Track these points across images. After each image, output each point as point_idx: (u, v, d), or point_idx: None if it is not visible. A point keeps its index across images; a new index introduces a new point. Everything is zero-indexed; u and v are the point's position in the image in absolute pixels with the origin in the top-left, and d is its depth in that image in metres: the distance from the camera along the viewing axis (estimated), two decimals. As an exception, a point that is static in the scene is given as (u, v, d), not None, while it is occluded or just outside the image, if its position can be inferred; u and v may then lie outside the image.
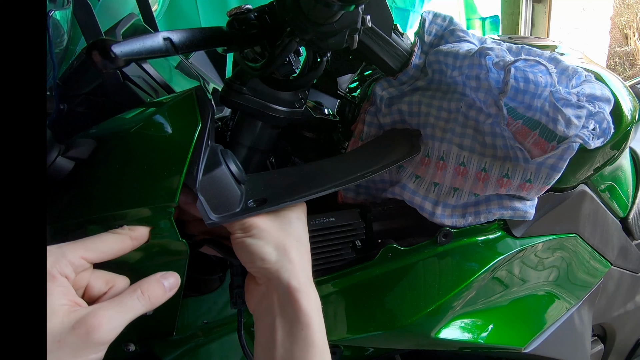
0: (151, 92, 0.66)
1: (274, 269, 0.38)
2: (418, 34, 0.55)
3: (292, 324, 0.37)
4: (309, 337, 0.36)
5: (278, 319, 0.37)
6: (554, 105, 0.44)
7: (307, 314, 0.37)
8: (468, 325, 0.54)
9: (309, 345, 0.36)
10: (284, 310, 0.37)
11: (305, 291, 0.38)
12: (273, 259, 0.38)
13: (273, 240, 0.39)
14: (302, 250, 0.41)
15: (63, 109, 0.61)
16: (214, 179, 0.39)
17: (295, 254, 0.39)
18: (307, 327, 0.37)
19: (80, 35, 0.66)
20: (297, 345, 0.36)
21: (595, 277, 0.71)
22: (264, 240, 0.38)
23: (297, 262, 0.39)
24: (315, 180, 0.44)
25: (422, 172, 0.52)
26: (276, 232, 0.40)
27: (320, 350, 0.37)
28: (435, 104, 0.51)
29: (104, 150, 0.42)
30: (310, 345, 0.36)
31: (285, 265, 0.38)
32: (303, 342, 0.36)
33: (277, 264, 0.38)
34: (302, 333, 0.36)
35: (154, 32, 0.42)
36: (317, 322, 0.38)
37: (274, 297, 0.38)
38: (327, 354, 0.37)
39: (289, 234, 0.40)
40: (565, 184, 0.59)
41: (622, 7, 6.18)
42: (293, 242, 0.40)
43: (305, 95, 0.53)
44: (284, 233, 0.40)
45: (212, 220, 0.37)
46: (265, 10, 0.45)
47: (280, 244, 0.39)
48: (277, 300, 0.38)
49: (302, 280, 0.38)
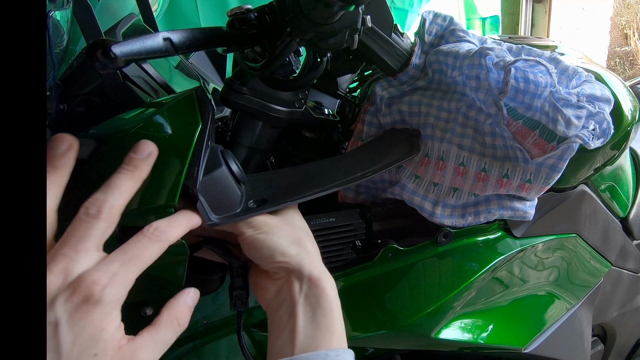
0: (151, 92, 0.66)
1: (295, 261, 0.38)
2: (418, 33, 0.55)
3: (315, 310, 0.37)
4: (330, 322, 0.37)
5: (299, 307, 0.37)
6: (553, 105, 0.44)
7: (329, 299, 0.38)
8: (468, 326, 0.54)
9: (331, 331, 0.37)
10: (307, 298, 0.38)
11: (326, 278, 0.39)
12: (294, 252, 0.38)
13: (288, 234, 0.39)
14: (313, 242, 0.42)
15: (63, 109, 0.61)
16: (214, 180, 0.39)
17: (310, 244, 0.40)
18: (330, 313, 0.37)
19: (80, 35, 0.66)
20: (319, 331, 0.37)
21: (595, 277, 0.71)
22: (277, 235, 0.39)
23: (313, 253, 0.40)
24: (315, 180, 0.44)
25: (421, 172, 0.52)
26: (286, 226, 0.40)
27: (339, 337, 0.37)
28: (435, 104, 0.51)
29: (104, 150, 0.42)
30: (331, 331, 0.37)
31: (305, 257, 0.39)
32: (325, 328, 0.37)
33: (297, 256, 0.38)
34: (324, 320, 0.37)
35: (154, 32, 0.42)
36: (337, 310, 0.38)
37: (294, 288, 0.38)
38: (344, 341, 0.38)
39: (297, 228, 0.41)
40: (566, 184, 0.59)
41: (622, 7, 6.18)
42: (304, 234, 0.41)
43: (305, 95, 0.53)
44: (293, 227, 0.41)
45: (212, 221, 0.37)
46: (265, 10, 0.45)
47: (296, 236, 0.40)
48: (298, 289, 0.38)
49: (322, 270, 0.39)
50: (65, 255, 0.28)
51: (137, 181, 0.34)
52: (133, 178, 0.33)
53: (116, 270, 0.29)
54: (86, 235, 0.29)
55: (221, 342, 0.51)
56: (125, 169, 0.33)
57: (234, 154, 0.43)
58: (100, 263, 0.29)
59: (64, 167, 0.32)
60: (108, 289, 0.28)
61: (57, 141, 0.32)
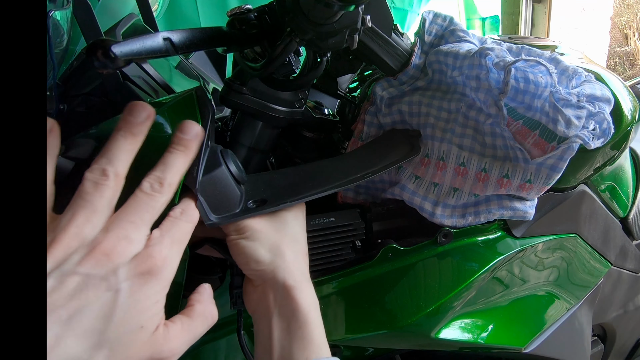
0: (151, 92, 0.66)
1: (269, 269, 0.38)
2: (418, 33, 0.55)
3: (290, 321, 0.37)
4: (306, 334, 0.36)
5: (275, 318, 0.37)
6: (554, 105, 0.44)
7: (304, 311, 0.37)
8: (468, 326, 0.54)
9: (307, 342, 0.36)
10: (281, 309, 0.37)
11: (301, 288, 0.38)
12: (267, 260, 0.38)
13: (267, 242, 0.39)
14: (298, 250, 0.41)
15: (63, 109, 0.61)
16: (213, 180, 0.39)
17: (290, 253, 0.39)
18: (305, 324, 0.36)
19: (80, 35, 0.66)
20: (295, 343, 0.36)
21: (595, 277, 0.71)
22: (257, 242, 0.38)
23: (292, 261, 0.39)
24: (315, 180, 0.44)
25: (421, 172, 0.52)
26: (271, 232, 0.39)
27: (318, 347, 0.37)
28: (435, 104, 0.51)
29: (104, 150, 0.42)
30: (308, 342, 0.36)
31: (280, 265, 0.38)
32: (301, 339, 0.36)
33: (271, 265, 0.38)
34: (299, 331, 0.36)
35: (154, 32, 0.42)
36: (314, 319, 0.37)
37: (270, 298, 0.38)
38: (325, 350, 0.37)
39: (284, 234, 0.40)
40: (565, 184, 0.59)
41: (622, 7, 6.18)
42: (288, 242, 0.40)
43: (305, 95, 0.53)
44: (278, 233, 0.40)
45: (212, 221, 0.37)
46: (265, 10, 0.45)
47: (275, 244, 0.39)
48: (273, 300, 0.38)
49: (298, 279, 0.38)
50: (131, 222, 0.29)
51: (189, 160, 0.34)
52: (185, 157, 0.34)
53: (170, 247, 0.30)
54: (149, 207, 0.30)
55: (221, 342, 0.51)
56: (176, 148, 0.33)
57: (234, 153, 0.43)
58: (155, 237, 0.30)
59: (139, 135, 0.32)
60: (167, 263, 0.29)
61: (137, 109, 0.32)
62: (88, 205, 0.28)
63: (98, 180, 0.28)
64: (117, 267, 0.27)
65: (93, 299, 0.26)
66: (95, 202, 0.28)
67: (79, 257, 0.26)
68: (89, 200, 0.28)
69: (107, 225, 0.28)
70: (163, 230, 0.31)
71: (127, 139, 0.31)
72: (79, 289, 0.26)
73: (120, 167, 0.30)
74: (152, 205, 0.30)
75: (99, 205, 0.28)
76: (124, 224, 0.28)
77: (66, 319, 0.25)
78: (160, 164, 0.33)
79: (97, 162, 0.29)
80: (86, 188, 0.28)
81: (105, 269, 0.27)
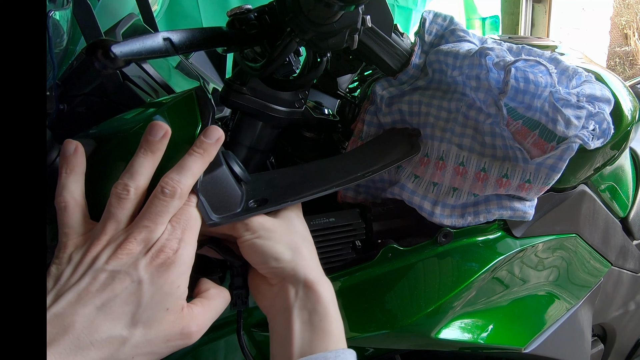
0: (151, 92, 0.66)
1: (290, 267, 0.38)
2: (418, 33, 0.55)
3: (311, 315, 0.38)
4: (326, 326, 0.37)
5: (295, 312, 0.38)
6: (553, 105, 0.44)
7: (325, 304, 0.38)
8: (468, 326, 0.54)
9: (327, 334, 0.37)
10: (303, 303, 0.38)
11: (322, 283, 0.39)
12: (288, 258, 0.38)
13: (283, 240, 0.39)
14: (310, 247, 0.42)
15: (63, 109, 0.61)
16: (214, 180, 0.39)
17: (306, 250, 0.40)
18: (325, 317, 0.38)
19: (80, 35, 0.66)
20: (315, 335, 0.37)
21: (595, 277, 0.71)
22: (273, 240, 0.39)
23: (310, 258, 0.40)
24: (315, 180, 0.44)
25: (420, 172, 0.52)
26: (284, 231, 0.40)
27: (337, 339, 0.38)
28: (435, 104, 0.51)
29: (104, 150, 0.42)
30: (328, 335, 0.37)
31: (300, 262, 0.39)
32: (321, 331, 0.37)
33: (292, 262, 0.38)
34: (320, 324, 0.37)
35: (154, 32, 0.42)
36: (334, 312, 0.38)
37: (290, 294, 0.38)
38: (343, 343, 0.38)
39: (295, 232, 0.41)
40: (565, 184, 0.59)
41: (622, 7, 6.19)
42: (300, 239, 0.41)
43: (305, 95, 0.53)
44: (290, 231, 0.41)
45: (213, 221, 0.37)
46: (265, 10, 0.45)
47: (292, 241, 0.40)
48: (294, 295, 0.38)
49: (318, 274, 0.39)
50: (146, 227, 0.33)
51: (206, 164, 0.37)
52: (203, 160, 0.37)
53: (181, 236, 0.34)
54: (163, 211, 0.34)
55: (221, 342, 0.51)
56: (196, 151, 0.37)
57: (234, 154, 0.43)
58: (167, 232, 0.34)
59: (157, 151, 0.36)
60: (180, 251, 0.34)
61: (155, 128, 0.36)
62: (112, 217, 0.34)
63: (120, 194, 0.34)
64: (137, 262, 0.32)
65: (120, 289, 0.31)
66: (119, 214, 0.34)
67: (106, 257, 0.32)
68: (114, 213, 0.34)
69: (128, 229, 0.34)
70: (174, 222, 0.35)
71: (147, 156, 0.36)
72: (108, 282, 0.31)
73: (140, 181, 0.35)
74: (166, 210, 0.34)
75: (122, 217, 0.34)
76: (141, 229, 0.33)
77: (100, 306, 0.31)
78: (178, 167, 0.36)
79: (122, 177, 0.35)
80: (112, 201, 0.34)
81: (127, 266, 0.32)
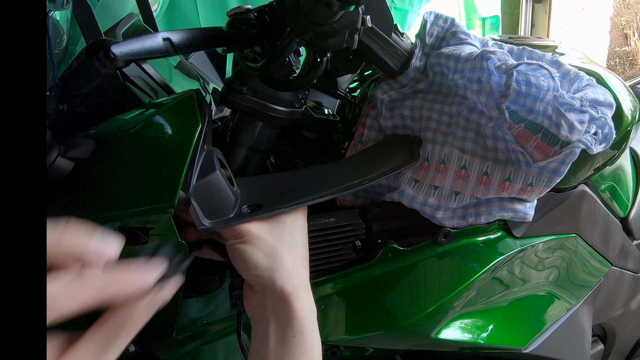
0: (151, 93, 0.66)
1: (267, 275, 0.37)
2: (419, 35, 0.55)
3: (285, 329, 0.36)
4: (300, 344, 0.36)
5: (271, 326, 0.37)
6: (557, 109, 0.44)
7: (300, 319, 0.36)
8: (468, 326, 0.54)
9: (300, 352, 0.35)
10: (277, 315, 0.37)
11: (299, 296, 0.37)
12: (265, 266, 0.37)
13: (265, 247, 0.38)
14: (296, 255, 0.40)
15: (63, 109, 0.61)
16: (208, 184, 0.38)
17: (289, 259, 0.39)
18: (300, 333, 0.36)
19: (80, 35, 0.66)
20: (288, 353, 0.35)
21: (596, 277, 0.71)
22: (255, 247, 0.38)
23: (291, 267, 0.38)
24: (311, 186, 0.44)
25: (421, 176, 0.51)
26: (269, 237, 0.39)
27: (312, 358, 0.36)
28: (436, 108, 0.51)
29: (104, 150, 0.42)
30: (301, 353, 0.35)
31: (278, 271, 0.37)
32: (294, 348, 0.36)
33: (269, 271, 0.37)
34: (294, 340, 0.36)
35: (153, 32, 0.42)
36: (309, 329, 0.37)
37: (267, 304, 0.37)
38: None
39: (281, 239, 0.40)
40: (566, 184, 0.59)
41: (622, 7, 6.19)
42: (286, 247, 0.39)
43: (305, 96, 0.53)
44: (276, 238, 0.39)
45: (204, 226, 0.37)
46: (265, 10, 0.45)
47: (273, 250, 0.38)
48: (270, 306, 0.37)
49: (296, 285, 0.38)
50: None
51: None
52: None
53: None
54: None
55: (220, 342, 0.51)
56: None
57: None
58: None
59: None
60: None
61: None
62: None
63: None
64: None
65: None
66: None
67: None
68: None
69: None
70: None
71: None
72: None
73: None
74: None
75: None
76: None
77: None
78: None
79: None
80: None
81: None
